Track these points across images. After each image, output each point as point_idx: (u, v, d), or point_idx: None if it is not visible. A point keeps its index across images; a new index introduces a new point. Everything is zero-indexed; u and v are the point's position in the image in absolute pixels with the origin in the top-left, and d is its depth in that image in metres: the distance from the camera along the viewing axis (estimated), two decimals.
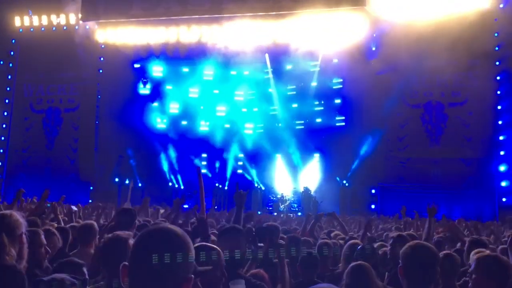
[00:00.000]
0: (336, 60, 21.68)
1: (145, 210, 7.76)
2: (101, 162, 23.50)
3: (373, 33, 20.56)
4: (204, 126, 24.52)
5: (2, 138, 24.61)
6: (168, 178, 24.08)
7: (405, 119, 20.67)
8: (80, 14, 22.51)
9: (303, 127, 23.31)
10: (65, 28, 23.52)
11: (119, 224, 4.43)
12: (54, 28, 23.72)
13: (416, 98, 20.79)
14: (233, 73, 23.61)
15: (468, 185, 19.15)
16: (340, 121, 22.33)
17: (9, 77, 24.91)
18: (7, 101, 24.82)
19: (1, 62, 24.89)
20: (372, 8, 19.38)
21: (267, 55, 22.51)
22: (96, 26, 22.64)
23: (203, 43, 21.65)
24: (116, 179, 22.91)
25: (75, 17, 23.10)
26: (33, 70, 23.96)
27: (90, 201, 19.07)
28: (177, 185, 24.04)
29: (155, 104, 24.32)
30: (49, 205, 6.41)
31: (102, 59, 23.70)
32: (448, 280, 3.66)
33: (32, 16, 23.93)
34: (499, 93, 19.20)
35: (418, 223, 8.45)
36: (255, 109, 24.19)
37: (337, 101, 22.56)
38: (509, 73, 18.80)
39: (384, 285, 3.73)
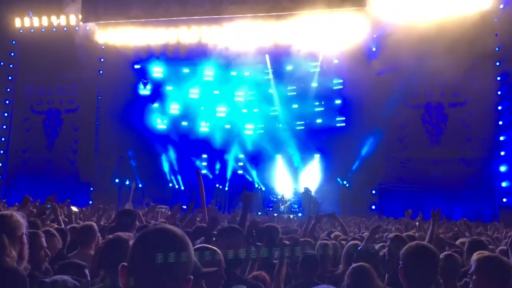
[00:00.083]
0: (336, 61, 21.71)
1: (152, 213, 7.90)
2: (101, 163, 23.49)
3: (374, 34, 20.56)
4: (204, 127, 24.52)
5: (3, 139, 24.61)
6: (168, 179, 24.07)
7: (406, 120, 20.62)
8: (80, 15, 22.50)
9: (303, 127, 23.32)
10: (65, 29, 23.52)
11: (119, 225, 4.43)
12: (54, 29, 23.72)
13: (416, 98, 20.76)
14: (234, 74, 23.61)
15: (468, 186, 19.12)
16: (340, 121, 22.34)
17: (10, 78, 24.91)
18: (7, 102, 24.82)
19: (2, 63, 24.89)
20: (372, 9, 19.38)
21: (267, 56, 22.52)
22: (96, 27, 22.60)
23: (203, 44, 21.63)
24: (116, 180, 22.93)
25: (75, 18, 23.10)
26: (33, 71, 23.97)
27: (90, 202, 19.04)
28: (178, 186, 24.04)
29: (155, 105, 24.34)
30: (49, 206, 6.40)
31: (102, 60, 23.70)
32: (449, 280, 3.66)
33: (32, 17, 23.92)
34: (499, 93, 19.17)
35: (417, 224, 8.43)
36: (256, 110, 24.20)
37: (338, 101, 22.57)
38: (509, 73, 18.76)
39: (385, 286, 3.72)
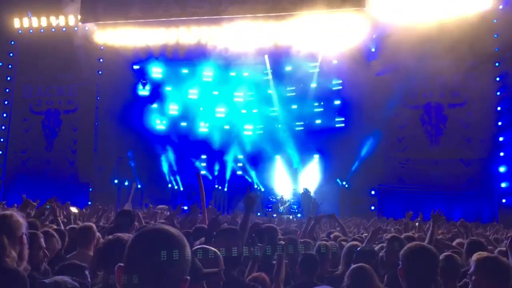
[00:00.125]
0: (335, 62, 21.70)
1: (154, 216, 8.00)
2: (100, 163, 23.47)
3: (373, 35, 20.56)
4: (203, 128, 24.50)
5: (1, 139, 24.59)
6: (167, 180, 24.05)
7: (405, 120, 20.63)
8: (79, 16, 22.47)
9: (302, 128, 23.30)
10: (64, 29, 23.51)
11: (118, 226, 4.42)
12: (53, 29, 23.70)
13: (415, 99, 20.78)
14: (233, 74, 23.61)
15: (468, 186, 19.14)
16: (339, 122, 22.33)
17: (8, 78, 24.88)
18: (6, 102, 24.81)
19: (0, 63, 24.87)
20: (371, 10, 19.38)
21: (266, 57, 22.52)
22: (95, 28, 22.59)
23: (202, 45, 21.63)
24: (116, 181, 22.90)
25: (74, 19, 23.08)
26: (32, 72, 23.94)
27: (89, 203, 19.03)
28: (177, 187, 24.02)
29: (155, 105, 24.32)
30: (48, 207, 6.39)
31: (102, 60, 23.69)
32: (449, 281, 3.66)
33: (31, 17, 23.90)
34: (498, 94, 19.20)
35: (417, 225, 8.42)
36: (255, 111, 24.19)
37: (337, 102, 22.56)
38: (508, 74, 18.78)
39: (384, 287, 3.72)
